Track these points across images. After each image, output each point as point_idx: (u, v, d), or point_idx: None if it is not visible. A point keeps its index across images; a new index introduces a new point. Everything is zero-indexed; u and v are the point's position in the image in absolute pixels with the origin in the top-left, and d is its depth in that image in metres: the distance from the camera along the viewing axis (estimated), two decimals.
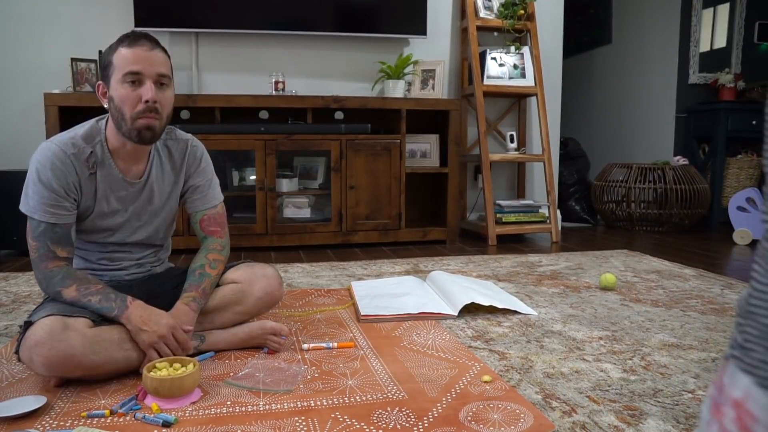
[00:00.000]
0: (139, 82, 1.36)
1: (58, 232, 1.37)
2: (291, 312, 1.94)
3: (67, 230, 1.39)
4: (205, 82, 3.49)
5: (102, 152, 1.43)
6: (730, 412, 0.55)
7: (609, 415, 1.20)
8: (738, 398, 0.54)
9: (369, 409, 1.22)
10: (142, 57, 1.35)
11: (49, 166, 1.36)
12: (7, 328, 1.79)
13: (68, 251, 1.39)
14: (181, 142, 1.57)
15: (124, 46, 1.36)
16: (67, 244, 1.39)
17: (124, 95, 1.36)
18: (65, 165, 1.37)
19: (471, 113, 3.80)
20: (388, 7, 3.50)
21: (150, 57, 1.36)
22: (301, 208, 3.32)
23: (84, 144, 1.41)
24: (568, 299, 2.13)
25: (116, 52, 1.36)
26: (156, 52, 1.38)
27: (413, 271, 2.63)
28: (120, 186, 1.47)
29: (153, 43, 1.39)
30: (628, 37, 4.95)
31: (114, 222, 1.49)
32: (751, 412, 0.52)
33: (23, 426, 1.13)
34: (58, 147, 1.38)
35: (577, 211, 4.49)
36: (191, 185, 1.58)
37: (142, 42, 1.37)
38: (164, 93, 1.40)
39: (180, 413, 1.19)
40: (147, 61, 1.35)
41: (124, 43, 1.36)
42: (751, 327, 0.55)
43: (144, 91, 1.36)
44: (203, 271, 1.52)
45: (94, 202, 1.44)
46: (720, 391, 0.56)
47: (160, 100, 1.38)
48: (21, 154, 3.26)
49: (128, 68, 1.34)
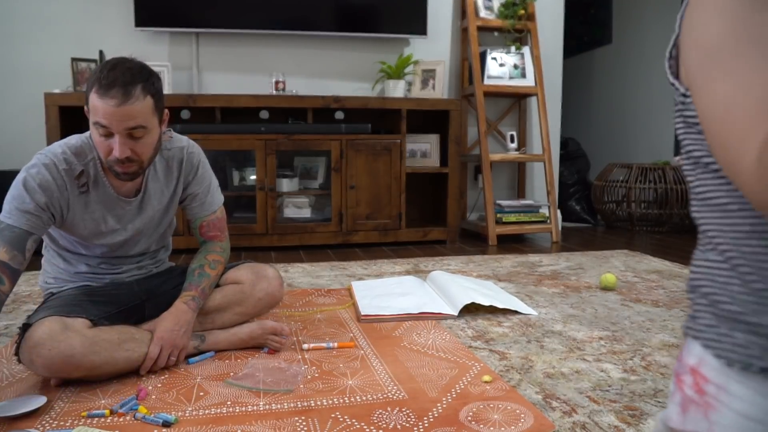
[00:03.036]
0: (111, 134, 1.30)
1: (15, 232, 1.27)
2: (291, 312, 1.94)
3: (25, 236, 1.28)
4: (205, 82, 3.48)
5: (95, 171, 1.40)
6: (688, 379, 0.61)
7: (609, 416, 1.20)
8: (693, 365, 0.60)
9: (369, 409, 1.22)
10: (110, 112, 1.26)
11: (39, 177, 1.31)
12: (8, 328, 1.79)
13: (12, 255, 1.25)
14: (176, 150, 1.53)
15: (95, 92, 1.27)
16: (15, 248, 1.26)
17: (98, 141, 1.32)
18: (55, 179, 1.33)
19: (471, 113, 3.80)
20: (389, 7, 3.50)
21: (119, 113, 1.26)
22: (301, 208, 3.32)
23: (75, 161, 1.36)
24: (569, 299, 2.13)
25: (91, 93, 1.28)
26: (127, 105, 1.26)
27: (413, 271, 2.63)
28: (115, 204, 1.44)
29: (127, 90, 1.26)
30: (628, 37, 4.95)
31: (114, 240, 1.48)
32: (704, 375, 0.58)
33: (23, 426, 1.13)
34: (51, 160, 1.33)
35: (578, 211, 4.49)
36: (190, 193, 1.57)
37: (113, 93, 1.25)
38: (140, 141, 1.32)
39: (180, 413, 1.19)
40: (115, 117, 1.26)
41: (97, 86, 1.27)
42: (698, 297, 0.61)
43: (114, 145, 1.30)
44: (202, 271, 1.52)
45: (90, 221, 1.41)
46: (680, 362, 0.63)
47: (135, 148, 1.32)
48: (21, 154, 3.25)
49: (96, 119, 1.28)
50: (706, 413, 0.58)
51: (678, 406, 0.62)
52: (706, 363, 0.59)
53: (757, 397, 0.55)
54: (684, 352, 0.63)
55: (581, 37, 5.51)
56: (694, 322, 0.62)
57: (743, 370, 0.55)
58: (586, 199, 4.53)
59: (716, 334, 0.58)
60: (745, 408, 0.55)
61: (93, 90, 1.28)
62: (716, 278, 0.58)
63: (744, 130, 0.47)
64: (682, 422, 0.61)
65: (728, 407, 0.56)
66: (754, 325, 0.55)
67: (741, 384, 0.56)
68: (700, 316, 0.61)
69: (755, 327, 0.55)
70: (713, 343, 0.58)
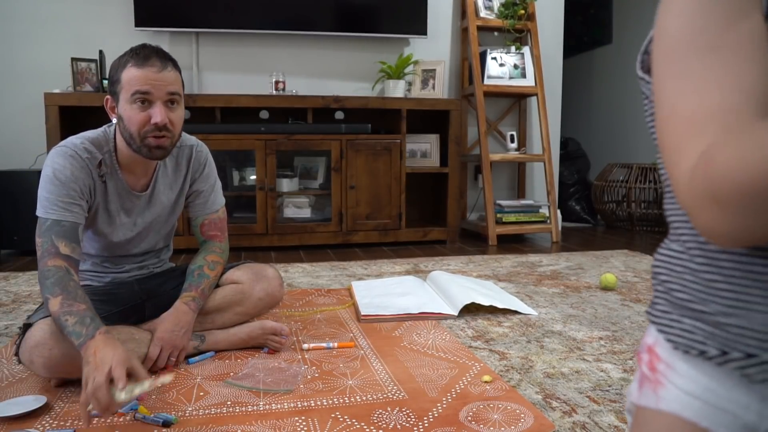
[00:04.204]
0: (149, 103, 1.32)
1: (65, 226, 1.31)
2: (291, 312, 1.94)
3: (75, 227, 1.32)
4: (205, 81, 3.49)
5: (111, 162, 1.41)
6: (645, 357, 0.66)
7: (609, 415, 1.20)
8: (650, 344, 0.66)
9: (369, 409, 1.22)
10: (152, 78, 1.31)
11: (68, 166, 1.32)
12: (8, 328, 1.79)
13: (72, 248, 1.30)
14: (185, 148, 1.55)
15: (133, 65, 1.31)
16: (72, 240, 1.30)
17: (133, 115, 1.32)
18: (82, 168, 1.35)
19: (471, 113, 3.80)
20: (389, 7, 3.50)
21: (160, 78, 1.32)
22: (301, 208, 3.32)
23: (95, 150, 1.38)
24: (569, 299, 2.13)
25: (125, 70, 1.32)
26: (166, 72, 1.33)
27: (413, 271, 2.63)
28: (126, 197, 1.45)
29: (163, 60, 1.34)
30: (628, 37, 4.95)
31: (123, 236, 1.49)
32: (658, 354, 0.64)
33: (23, 426, 1.13)
34: (74, 150, 1.34)
35: (578, 211, 4.49)
36: (194, 190, 1.58)
37: (152, 61, 1.32)
38: (175, 112, 1.37)
39: (180, 413, 1.19)
40: (157, 81, 1.31)
41: (134, 60, 1.32)
42: (657, 285, 0.66)
43: (154, 112, 1.32)
44: (201, 272, 1.52)
45: (105, 212, 1.43)
46: (642, 342, 0.69)
47: (171, 119, 1.35)
48: (21, 154, 3.26)
49: (137, 87, 1.30)
50: (656, 389, 0.63)
51: (636, 382, 0.67)
52: (660, 344, 0.64)
53: (699, 376, 0.60)
54: (646, 332, 0.68)
55: (581, 37, 5.51)
56: (652, 308, 0.66)
57: (685, 353, 0.61)
58: (586, 199, 4.52)
59: (668, 319, 0.63)
60: (687, 385, 0.60)
61: (128, 66, 1.32)
62: (674, 268, 0.62)
63: (681, 138, 0.49)
64: (638, 397, 0.66)
65: (674, 384, 0.61)
66: (700, 312, 0.59)
67: (685, 363, 0.61)
68: (657, 302, 0.65)
69: (700, 314, 0.59)
70: (665, 327, 0.63)
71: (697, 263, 0.59)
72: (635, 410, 0.66)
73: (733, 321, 0.56)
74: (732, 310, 0.56)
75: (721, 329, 0.57)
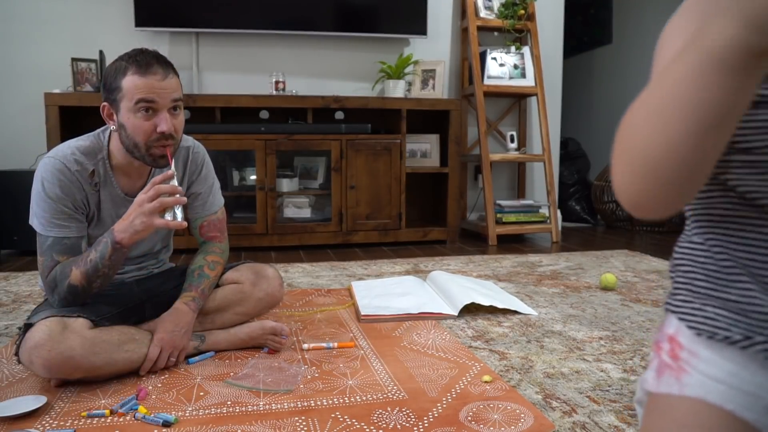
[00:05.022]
0: (153, 111, 1.31)
1: (66, 243, 1.34)
2: (291, 312, 1.94)
3: (77, 242, 1.35)
4: (205, 82, 3.48)
5: (104, 169, 1.40)
6: (665, 346, 0.68)
7: (609, 415, 1.20)
8: (671, 333, 0.68)
9: (369, 409, 1.22)
10: (156, 87, 1.30)
11: (57, 182, 1.32)
12: (8, 328, 1.79)
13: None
14: (182, 150, 1.54)
15: (135, 73, 1.29)
16: (75, 254, 1.34)
17: (137, 124, 1.31)
18: (72, 183, 1.34)
19: (471, 113, 3.80)
20: (389, 7, 3.50)
21: (164, 86, 1.31)
22: (301, 208, 3.32)
23: (86, 160, 1.37)
24: (569, 299, 2.13)
25: (126, 78, 1.29)
26: (169, 79, 1.32)
27: (413, 271, 2.63)
28: (122, 203, 1.44)
29: (165, 68, 1.32)
30: (628, 37, 4.95)
31: None
32: (680, 342, 0.66)
33: (23, 426, 1.13)
34: (62, 163, 1.33)
35: (578, 211, 4.49)
36: (192, 192, 1.57)
37: (154, 69, 1.30)
38: (178, 118, 1.36)
39: (180, 413, 1.19)
40: (162, 90, 1.30)
41: (135, 68, 1.29)
42: (678, 276, 0.69)
43: (159, 121, 1.31)
44: (201, 272, 1.52)
45: (100, 219, 1.43)
46: (660, 332, 0.71)
47: (175, 125, 1.35)
48: (21, 154, 3.26)
49: (141, 96, 1.29)
50: (679, 376, 0.65)
51: (654, 371, 0.69)
52: (682, 332, 0.66)
53: (722, 361, 0.63)
54: (664, 323, 0.71)
55: (581, 37, 5.50)
56: (672, 299, 0.69)
57: (709, 338, 0.64)
58: (586, 199, 4.52)
59: (690, 308, 0.66)
60: (711, 370, 0.63)
61: (129, 73, 1.29)
62: (696, 258, 0.66)
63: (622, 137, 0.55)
64: (656, 385, 0.68)
65: (697, 370, 0.64)
66: (723, 300, 0.63)
67: (709, 350, 0.64)
68: (677, 293, 0.69)
69: (724, 302, 0.63)
70: (687, 316, 0.66)
71: (715, 252, 0.63)
72: (650, 399, 0.68)
73: (756, 307, 0.59)
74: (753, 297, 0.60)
75: (745, 315, 0.61)
